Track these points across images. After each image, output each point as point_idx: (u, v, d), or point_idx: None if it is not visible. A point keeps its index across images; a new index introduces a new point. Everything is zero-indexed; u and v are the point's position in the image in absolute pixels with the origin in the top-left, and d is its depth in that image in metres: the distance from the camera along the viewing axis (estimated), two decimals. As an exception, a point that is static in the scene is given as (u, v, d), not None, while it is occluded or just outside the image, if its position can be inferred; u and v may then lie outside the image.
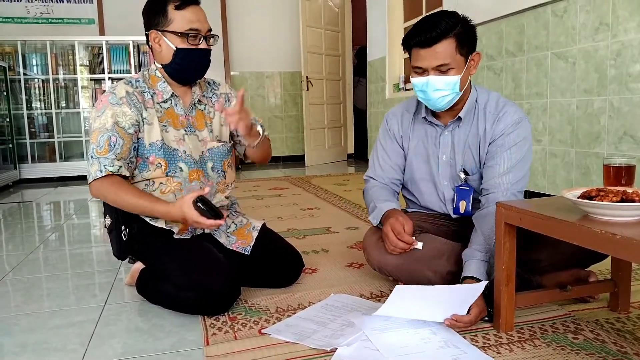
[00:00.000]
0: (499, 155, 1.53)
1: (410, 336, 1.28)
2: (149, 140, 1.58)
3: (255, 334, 1.35)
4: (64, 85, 5.17)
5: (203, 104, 1.72)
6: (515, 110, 1.56)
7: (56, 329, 1.46)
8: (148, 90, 1.61)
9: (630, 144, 2.44)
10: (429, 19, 1.49)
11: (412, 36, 1.49)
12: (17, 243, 2.57)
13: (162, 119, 1.61)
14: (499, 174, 1.52)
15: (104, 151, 1.51)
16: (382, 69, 5.28)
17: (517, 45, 3.18)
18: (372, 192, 1.71)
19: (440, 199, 1.68)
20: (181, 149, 1.62)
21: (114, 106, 1.54)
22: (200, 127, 1.69)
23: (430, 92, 1.49)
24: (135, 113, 1.55)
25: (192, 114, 1.68)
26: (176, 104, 1.65)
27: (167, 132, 1.61)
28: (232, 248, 1.69)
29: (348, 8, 6.44)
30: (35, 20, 5.41)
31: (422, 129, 1.68)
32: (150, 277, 1.64)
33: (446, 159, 1.63)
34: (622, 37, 2.45)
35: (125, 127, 1.53)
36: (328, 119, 6.16)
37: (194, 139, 1.66)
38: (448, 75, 1.47)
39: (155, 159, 1.59)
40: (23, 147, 5.03)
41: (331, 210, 3.13)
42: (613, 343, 1.24)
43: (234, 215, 1.80)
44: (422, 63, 1.48)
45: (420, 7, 4.73)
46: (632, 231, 0.95)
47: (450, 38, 1.45)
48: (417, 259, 1.54)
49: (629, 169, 1.26)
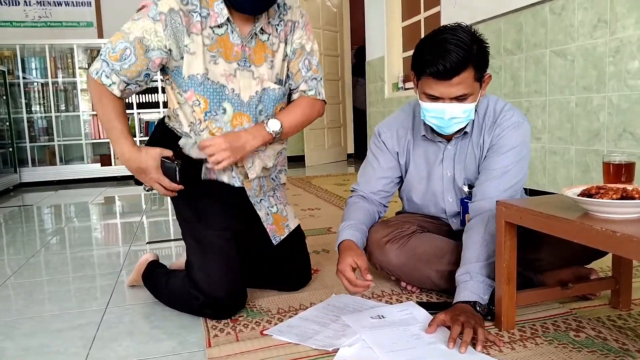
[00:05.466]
0: (493, 158, 1.47)
1: (401, 333, 1.29)
2: (189, 72, 1.41)
3: (257, 335, 1.35)
4: (64, 89, 5.17)
5: (266, 34, 1.49)
6: (513, 113, 1.48)
7: (58, 332, 1.46)
8: (200, 11, 1.39)
9: (630, 140, 2.44)
10: (441, 44, 1.34)
11: (426, 64, 1.35)
12: (18, 247, 2.57)
13: (212, 48, 1.41)
14: (491, 177, 1.45)
15: (114, 57, 1.37)
16: (381, 68, 5.28)
17: (516, 44, 3.19)
18: (349, 209, 1.62)
19: (440, 214, 1.65)
20: (229, 86, 1.44)
21: (149, 20, 1.37)
22: (258, 61, 1.47)
23: (446, 119, 1.40)
24: (168, 37, 1.37)
25: (250, 44, 1.46)
26: (232, 31, 1.43)
27: (216, 63, 1.42)
28: (267, 228, 1.59)
29: (346, 8, 6.44)
30: (33, 23, 5.41)
31: (422, 147, 1.60)
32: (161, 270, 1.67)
33: (450, 174, 1.58)
34: (620, 34, 2.45)
35: (148, 47, 1.37)
36: (327, 119, 6.16)
37: (247, 75, 1.46)
38: (465, 103, 1.39)
39: (193, 94, 1.42)
40: (23, 150, 5.04)
41: (331, 211, 3.14)
42: (615, 340, 1.24)
43: (279, 200, 1.69)
44: (438, 93, 1.38)
45: (419, 6, 4.72)
46: (632, 228, 0.95)
47: (470, 68, 1.34)
48: (419, 258, 1.54)
49: (628, 166, 1.26)
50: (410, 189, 1.66)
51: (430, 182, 1.61)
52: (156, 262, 1.74)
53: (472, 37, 1.37)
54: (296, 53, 1.56)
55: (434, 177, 1.60)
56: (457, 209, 1.61)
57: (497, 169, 1.46)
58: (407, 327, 1.32)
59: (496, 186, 1.44)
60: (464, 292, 1.32)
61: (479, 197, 1.46)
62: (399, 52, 5.15)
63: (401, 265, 1.56)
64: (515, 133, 1.46)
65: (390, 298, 1.58)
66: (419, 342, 1.24)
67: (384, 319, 1.37)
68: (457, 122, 1.43)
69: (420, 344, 1.23)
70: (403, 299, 1.57)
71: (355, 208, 1.61)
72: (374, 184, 1.65)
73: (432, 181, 1.61)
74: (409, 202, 1.71)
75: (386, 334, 1.28)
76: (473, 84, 1.38)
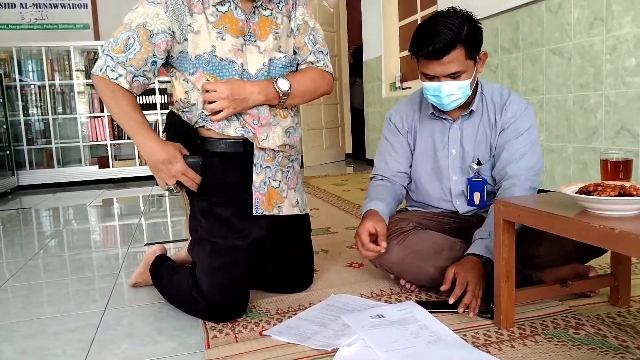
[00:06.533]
0: (511, 142, 1.56)
1: (401, 332, 1.29)
2: (195, 52, 1.41)
3: (256, 336, 1.35)
4: (61, 91, 5.16)
5: (269, 10, 1.52)
6: (519, 99, 1.60)
7: (56, 334, 1.46)
8: None
9: (627, 138, 2.45)
10: (432, 27, 1.45)
11: (418, 47, 1.47)
12: (17, 250, 2.56)
13: (217, 25, 1.42)
14: (514, 160, 1.54)
15: (117, 50, 1.37)
16: (378, 68, 5.28)
17: (512, 42, 3.19)
18: (370, 190, 1.70)
19: (446, 195, 1.68)
20: (238, 62, 1.44)
21: (149, 4, 1.37)
22: (263, 35, 1.48)
23: (443, 96, 1.51)
24: (171, 18, 1.37)
25: (254, 19, 1.48)
26: (235, 7, 1.45)
27: (223, 39, 1.42)
28: (254, 195, 1.50)
29: (343, 8, 6.44)
30: (30, 26, 5.40)
31: (429, 125, 1.68)
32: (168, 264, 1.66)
33: (456, 152, 1.64)
34: (617, 32, 2.46)
35: (152, 31, 1.36)
36: (325, 119, 6.16)
37: (253, 50, 1.47)
38: (460, 80, 1.49)
39: (202, 75, 1.41)
40: (20, 153, 5.02)
41: (330, 211, 3.13)
42: (614, 337, 1.24)
43: (286, 180, 1.59)
44: (432, 72, 1.49)
45: (415, 6, 4.73)
46: (630, 225, 0.95)
47: (459, 47, 1.44)
48: (417, 254, 1.54)
49: (626, 163, 1.26)
50: (417, 167, 1.71)
51: (436, 159, 1.67)
52: (164, 256, 1.74)
53: (463, 19, 1.46)
54: (300, 29, 1.61)
55: (440, 154, 1.67)
56: (462, 188, 1.65)
57: (517, 150, 1.55)
58: (407, 326, 1.32)
59: (518, 166, 1.53)
60: (479, 247, 1.43)
61: (505, 178, 1.55)
62: (396, 52, 5.15)
63: (400, 261, 1.56)
64: (525, 117, 1.58)
65: (389, 297, 1.58)
66: (419, 341, 1.24)
67: (383, 318, 1.37)
68: (454, 99, 1.52)
69: (420, 343, 1.23)
70: (402, 298, 1.57)
71: (377, 187, 1.69)
72: (392, 166, 1.72)
73: (437, 159, 1.67)
74: (416, 184, 1.74)
75: (385, 333, 1.28)
76: (465, 62, 1.47)
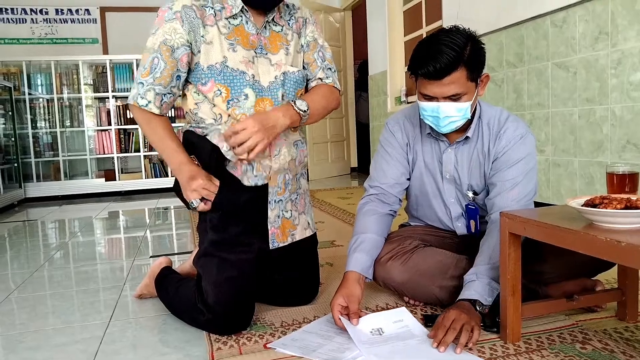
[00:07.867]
0: (503, 171, 1.48)
1: (400, 348, 1.28)
2: (208, 62, 1.43)
3: (261, 349, 1.34)
4: (69, 105, 5.21)
5: (279, 26, 1.55)
6: (517, 125, 1.50)
7: (61, 346, 1.46)
8: (212, 5, 1.46)
9: (634, 152, 2.44)
10: (434, 45, 1.37)
11: (418, 66, 1.39)
12: (22, 261, 2.57)
13: (229, 36, 1.45)
14: (503, 190, 1.47)
15: (145, 73, 1.42)
16: (384, 82, 5.30)
17: (518, 56, 3.20)
18: (358, 220, 1.60)
19: (447, 215, 1.65)
20: (249, 73, 1.46)
21: (166, 24, 1.41)
22: (274, 50, 1.52)
23: (440, 117, 1.43)
24: (187, 31, 1.41)
25: (265, 34, 1.51)
26: (247, 22, 1.48)
27: (234, 51, 1.45)
28: (269, 230, 1.54)
29: (348, 23, 6.49)
30: (39, 40, 5.49)
31: (427, 144, 1.62)
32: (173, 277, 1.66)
33: (449, 177, 1.59)
34: (622, 46, 2.46)
35: (173, 46, 1.40)
36: (331, 133, 6.18)
37: (264, 62, 1.49)
38: (460, 102, 1.41)
39: (214, 85, 1.43)
40: (28, 166, 5.06)
41: (335, 224, 3.13)
42: (622, 352, 1.22)
43: (295, 207, 1.64)
44: (432, 93, 1.41)
45: (420, 21, 4.76)
46: (637, 238, 0.94)
47: (461, 68, 1.36)
48: (422, 275, 1.53)
49: (632, 176, 1.25)
50: (417, 183, 1.66)
51: (436, 180, 1.63)
52: (169, 268, 1.74)
53: (466, 39, 1.38)
54: (310, 45, 1.63)
55: (437, 177, 1.62)
56: (461, 211, 1.62)
57: (507, 180, 1.47)
58: (406, 342, 1.31)
59: (508, 198, 1.46)
60: (468, 291, 1.37)
61: (493, 210, 1.48)
62: (401, 66, 5.18)
63: (404, 282, 1.55)
64: (521, 145, 1.48)
65: (394, 311, 1.57)
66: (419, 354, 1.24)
67: (382, 335, 1.35)
68: (452, 121, 1.44)
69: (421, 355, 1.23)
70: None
71: (367, 217, 1.59)
72: (390, 175, 1.63)
73: (436, 180, 1.62)
74: (417, 200, 1.69)
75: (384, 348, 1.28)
76: (466, 83, 1.39)
